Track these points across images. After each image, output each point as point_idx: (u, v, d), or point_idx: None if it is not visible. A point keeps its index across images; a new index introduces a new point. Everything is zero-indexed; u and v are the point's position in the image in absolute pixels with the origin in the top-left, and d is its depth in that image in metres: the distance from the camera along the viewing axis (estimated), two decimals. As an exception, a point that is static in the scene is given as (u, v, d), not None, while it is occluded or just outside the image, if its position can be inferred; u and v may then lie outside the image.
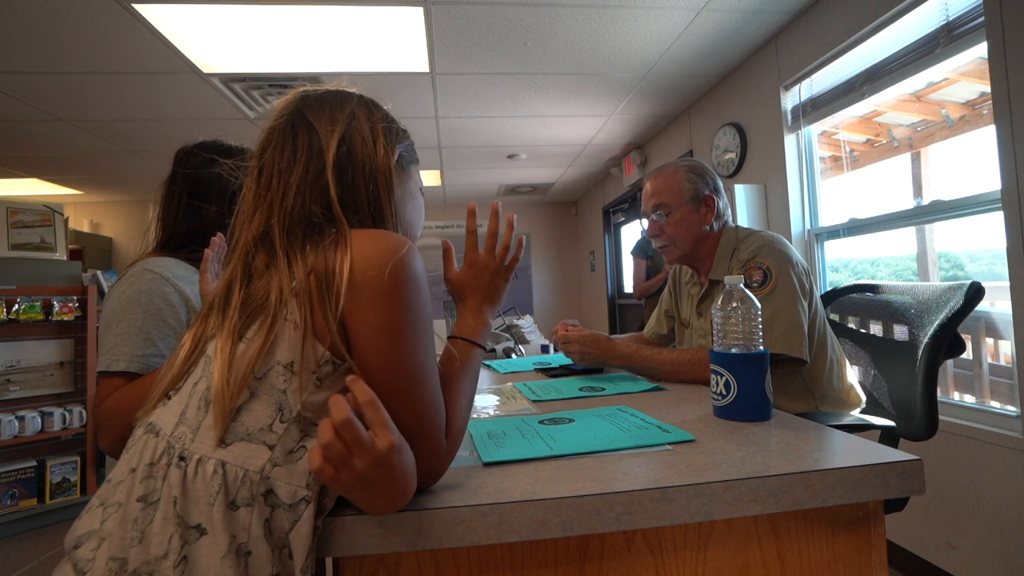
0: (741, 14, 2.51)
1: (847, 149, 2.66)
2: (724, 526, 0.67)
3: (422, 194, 0.84)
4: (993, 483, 1.76)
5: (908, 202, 2.27)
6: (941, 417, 1.29)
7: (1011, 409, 1.80)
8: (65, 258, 3.45)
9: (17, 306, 2.94)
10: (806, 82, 2.62)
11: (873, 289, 1.51)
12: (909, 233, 2.26)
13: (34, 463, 2.95)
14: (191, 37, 2.45)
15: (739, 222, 2.71)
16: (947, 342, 1.19)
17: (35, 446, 3.01)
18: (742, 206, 2.85)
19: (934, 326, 1.21)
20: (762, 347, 0.94)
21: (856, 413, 1.36)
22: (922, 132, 2.30)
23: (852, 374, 1.42)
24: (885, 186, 2.49)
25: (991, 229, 1.79)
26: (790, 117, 2.74)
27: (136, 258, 1.09)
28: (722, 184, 1.49)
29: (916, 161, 2.29)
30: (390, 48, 2.67)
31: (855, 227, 2.43)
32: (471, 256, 0.83)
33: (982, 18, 1.74)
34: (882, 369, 1.42)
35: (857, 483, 0.66)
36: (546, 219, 7.43)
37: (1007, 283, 1.68)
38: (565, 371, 1.49)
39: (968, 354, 1.99)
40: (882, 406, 1.40)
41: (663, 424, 0.89)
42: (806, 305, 1.29)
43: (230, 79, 2.93)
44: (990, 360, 2.00)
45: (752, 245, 1.37)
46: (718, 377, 0.93)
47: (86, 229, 5.80)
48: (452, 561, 0.64)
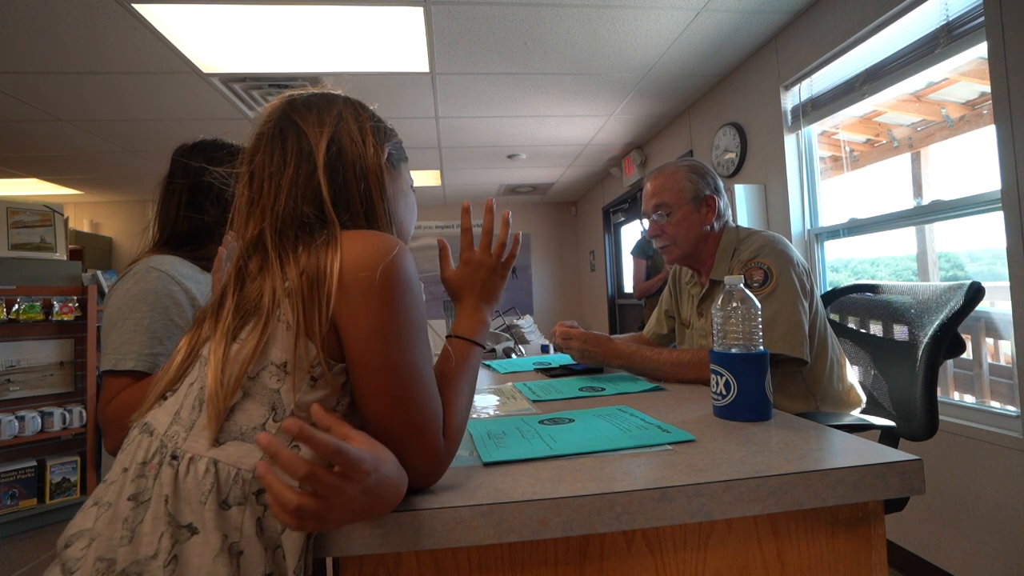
0: (741, 14, 2.51)
1: (847, 149, 2.66)
2: (724, 526, 0.67)
3: (413, 192, 0.83)
4: (993, 483, 1.76)
5: (908, 202, 2.27)
6: (941, 417, 1.29)
7: (1011, 409, 1.80)
8: (65, 258, 3.45)
9: (17, 306, 2.94)
10: (806, 82, 2.62)
11: (873, 289, 1.51)
12: (909, 233, 2.26)
13: (34, 463, 2.95)
14: (191, 37, 2.45)
15: (739, 222, 2.70)
16: (947, 342, 1.19)
17: (35, 446, 3.01)
18: (742, 206, 2.85)
19: (934, 326, 1.21)
20: (762, 347, 0.94)
21: (856, 413, 1.36)
22: (922, 132, 2.30)
23: (852, 374, 1.42)
24: (885, 186, 2.49)
25: (991, 229, 1.79)
26: (790, 117, 2.74)
27: (137, 256, 1.08)
28: (722, 184, 1.49)
29: (916, 161, 2.29)
30: (390, 48, 2.66)
31: (855, 227, 2.43)
32: (467, 254, 0.82)
33: (982, 18, 1.74)
34: (882, 369, 1.42)
35: (857, 483, 0.66)
36: (546, 219, 7.43)
37: (1007, 283, 1.68)
38: (565, 371, 1.49)
39: (968, 354, 1.99)
40: (882, 406, 1.40)
41: (663, 424, 0.89)
42: (807, 305, 1.29)
43: (230, 79, 2.93)
44: (990, 360, 1.99)
45: (753, 245, 1.37)
46: (718, 377, 0.93)
47: (86, 229, 5.80)
48: (452, 561, 0.64)
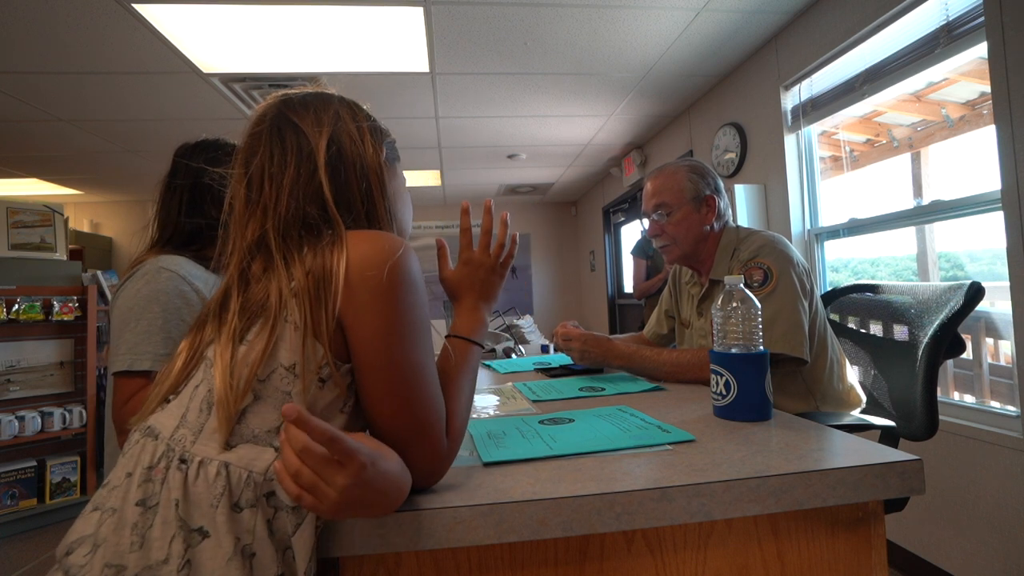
0: (741, 14, 2.51)
1: (847, 149, 2.66)
2: (724, 526, 0.67)
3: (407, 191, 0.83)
4: (993, 483, 1.76)
5: (908, 202, 2.27)
6: (941, 417, 1.29)
7: (1011, 409, 1.80)
8: (65, 258, 3.45)
9: (17, 306, 2.94)
10: (806, 82, 2.62)
11: (873, 289, 1.51)
12: (909, 233, 2.26)
13: (34, 463, 2.95)
14: (191, 37, 2.45)
15: (739, 222, 2.70)
16: (947, 342, 1.19)
17: (35, 446, 3.01)
18: (742, 206, 2.85)
19: (934, 326, 1.21)
20: (762, 347, 0.94)
21: (856, 413, 1.36)
22: (922, 132, 2.30)
23: (852, 374, 1.42)
24: (885, 186, 2.49)
25: (991, 229, 1.79)
26: (790, 117, 2.74)
27: (140, 255, 1.08)
28: (722, 184, 1.49)
29: (916, 161, 2.29)
30: (390, 48, 2.66)
31: (855, 227, 2.43)
32: (466, 254, 0.82)
33: (982, 18, 1.74)
34: (882, 369, 1.42)
35: (857, 483, 0.66)
36: (546, 219, 7.43)
37: (1007, 283, 1.68)
38: (565, 371, 1.49)
39: (968, 354, 1.99)
40: (882, 406, 1.40)
41: (663, 424, 0.89)
42: (807, 305, 1.29)
43: (230, 79, 2.93)
44: (990, 360, 1.99)
45: (753, 245, 1.37)
46: (718, 377, 0.93)
47: (86, 229, 5.80)
48: (452, 561, 0.64)
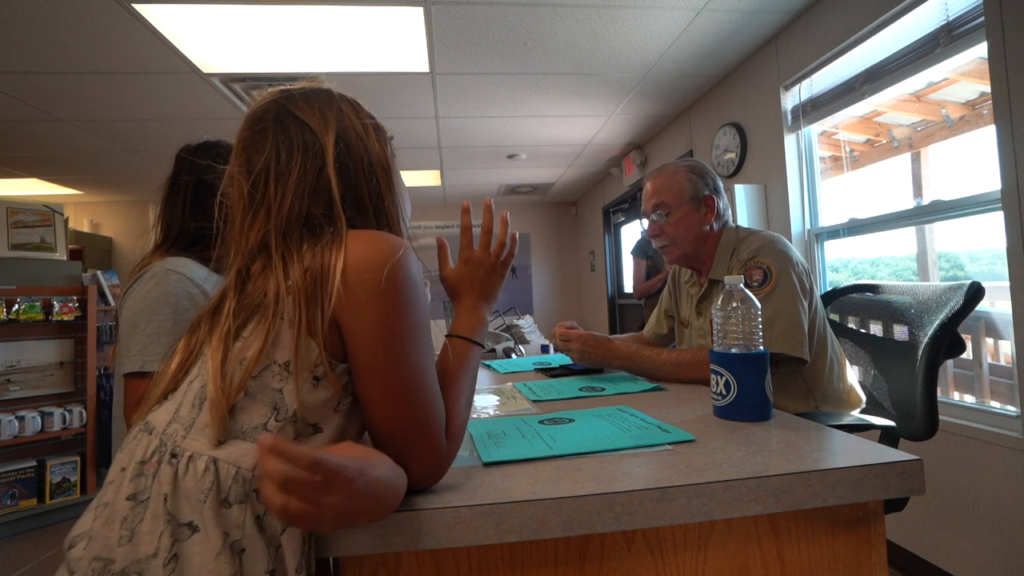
0: (741, 14, 2.51)
1: (847, 149, 2.66)
2: (724, 526, 0.67)
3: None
4: (993, 483, 1.76)
5: (908, 202, 2.27)
6: (941, 417, 1.29)
7: (1011, 409, 1.80)
8: (65, 258, 3.45)
9: (17, 306, 2.94)
10: (806, 82, 2.62)
11: (873, 289, 1.51)
12: (909, 233, 2.26)
13: (34, 463, 2.95)
14: (191, 37, 2.45)
15: (739, 222, 2.70)
16: (947, 342, 1.19)
17: (35, 446, 3.01)
18: (742, 206, 2.85)
19: (934, 326, 1.21)
20: (762, 347, 0.94)
21: (856, 413, 1.36)
22: (922, 132, 2.30)
23: (852, 374, 1.42)
24: (885, 186, 2.49)
25: (991, 229, 1.79)
26: (790, 117, 2.74)
27: (146, 257, 1.10)
28: (722, 184, 1.49)
29: (916, 161, 2.29)
30: (390, 48, 2.66)
31: (855, 227, 2.43)
32: (466, 253, 0.82)
33: (982, 18, 1.74)
34: (882, 369, 1.42)
35: (857, 483, 0.66)
36: (546, 219, 7.43)
37: (1007, 283, 1.68)
38: (565, 371, 1.49)
39: (968, 354, 1.99)
40: (882, 406, 1.40)
41: (663, 424, 0.89)
42: (806, 305, 1.29)
43: (230, 79, 2.93)
44: (990, 360, 1.99)
45: (752, 245, 1.37)
46: (718, 377, 0.93)
47: (86, 229, 5.80)
48: (452, 561, 0.64)
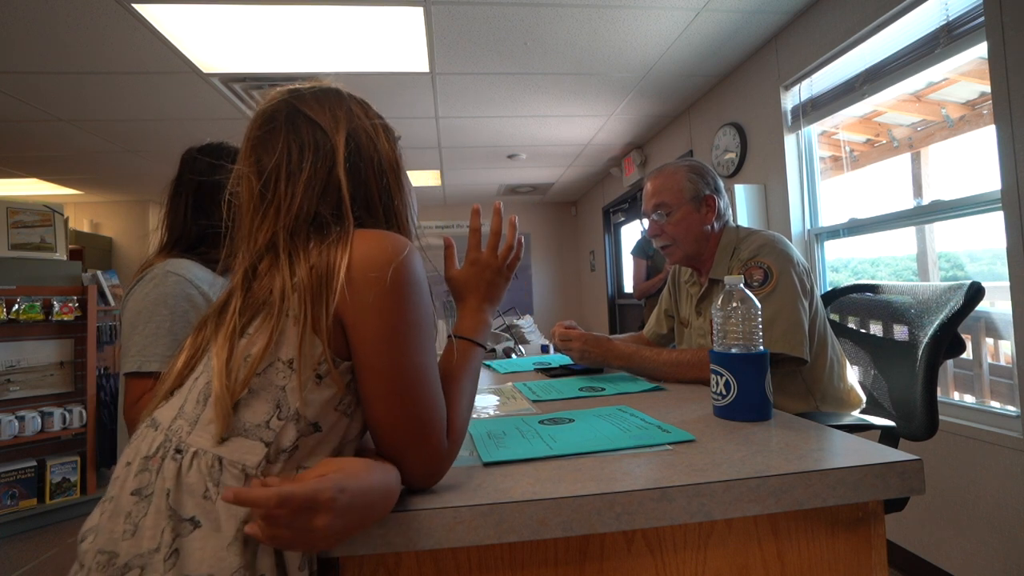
0: (741, 14, 2.51)
1: (847, 149, 2.66)
2: (724, 526, 0.67)
3: None
4: (993, 483, 1.76)
5: (908, 202, 2.27)
6: (941, 417, 1.29)
7: (1011, 409, 1.79)
8: (65, 258, 3.45)
9: (17, 306, 2.93)
10: (806, 82, 2.62)
11: (873, 289, 1.51)
12: (909, 233, 2.26)
13: (34, 463, 2.95)
14: (191, 37, 2.45)
15: (739, 222, 2.69)
16: (947, 342, 1.19)
17: (35, 446, 3.00)
18: (742, 206, 2.85)
19: (934, 326, 1.21)
20: (762, 347, 0.94)
21: (856, 413, 1.36)
22: (922, 132, 2.30)
23: (852, 374, 1.42)
24: (885, 186, 2.49)
25: (991, 229, 1.79)
26: (790, 117, 2.74)
27: (149, 259, 1.11)
28: (722, 184, 1.49)
29: (916, 161, 2.29)
30: (390, 48, 2.66)
31: (855, 227, 2.43)
32: (474, 254, 0.82)
33: (982, 18, 1.74)
34: (882, 369, 1.42)
35: (857, 483, 0.66)
36: (546, 219, 7.43)
37: (1007, 283, 1.68)
38: (565, 371, 1.49)
39: (968, 354, 1.99)
40: (882, 406, 1.40)
41: (663, 424, 0.89)
42: (807, 304, 1.29)
43: (230, 79, 2.93)
44: (990, 360, 1.99)
45: (753, 244, 1.37)
46: (718, 377, 0.93)
47: (86, 229, 5.80)
48: (452, 561, 0.64)
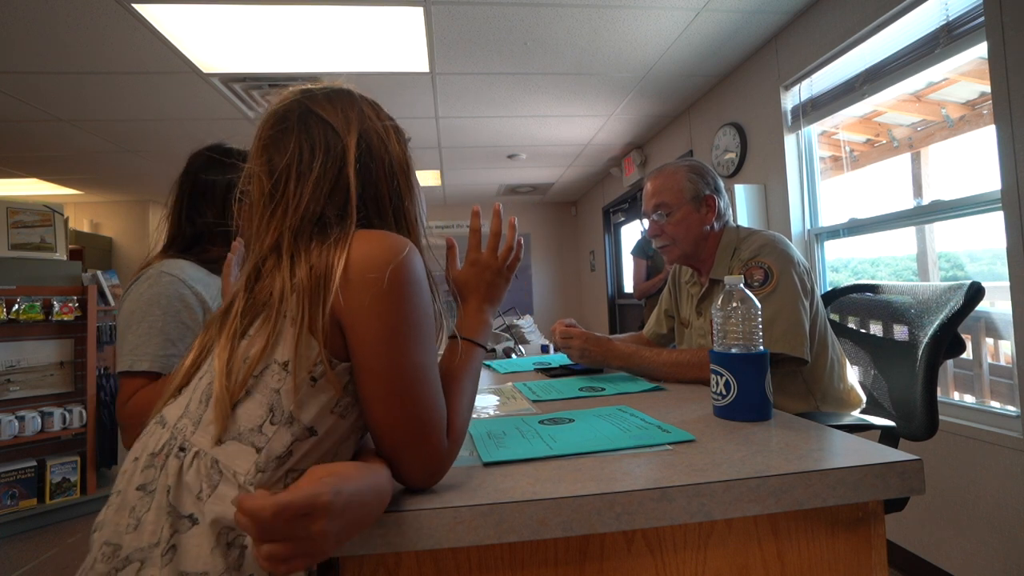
0: (741, 14, 2.51)
1: (847, 149, 2.66)
2: (724, 526, 0.67)
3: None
4: (993, 483, 1.76)
5: (908, 202, 2.27)
6: (941, 417, 1.29)
7: (1011, 409, 1.79)
8: (65, 258, 3.45)
9: (17, 306, 2.93)
10: (806, 82, 2.62)
11: (873, 289, 1.51)
12: (909, 233, 2.26)
13: (34, 463, 2.95)
14: (191, 37, 2.45)
15: (739, 222, 2.69)
16: (947, 342, 1.19)
17: (35, 446, 3.00)
18: (742, 206, 2.85)
19: (934, 326, 1.21)
20: (762, 347, 0.94)
21: (856, 413, 1.36)
22: (922, 132, 2.30)
23: (852, 374, 1.42)
24: (885, 186, 2.49)
25: (991, 229, 1.79)
26: (790, 117, 2.74)
27: (147, 259, 1.12)
28: (723, 184, 1.49)
29: (916, 161, 2.29)
30: (390, 48, 2.66)
31: (855, 227, 2.43)
32: (474, 255, 0.83)
33: (982, 18, 1.74)
34: (882, 369, 1.42)
35: (857, 483, 0.66)
36: (546, 219, 7.43)
37: (1007, 283, 1.68)
38: (565, 371, 1.49)
39: (968, 354, 1.99)
40: (882, 406, 1.40)
41: (663, 424, 0.89)
42: (807, 304, 1.29)
43: (230, 79, 2.93)
44: (990, 360, 1.99)
45: (753, 245, 1.37)
46: (718, 377, 0.93)
47: (86, 229, 5.80)
48: (452, 561, 0.64)
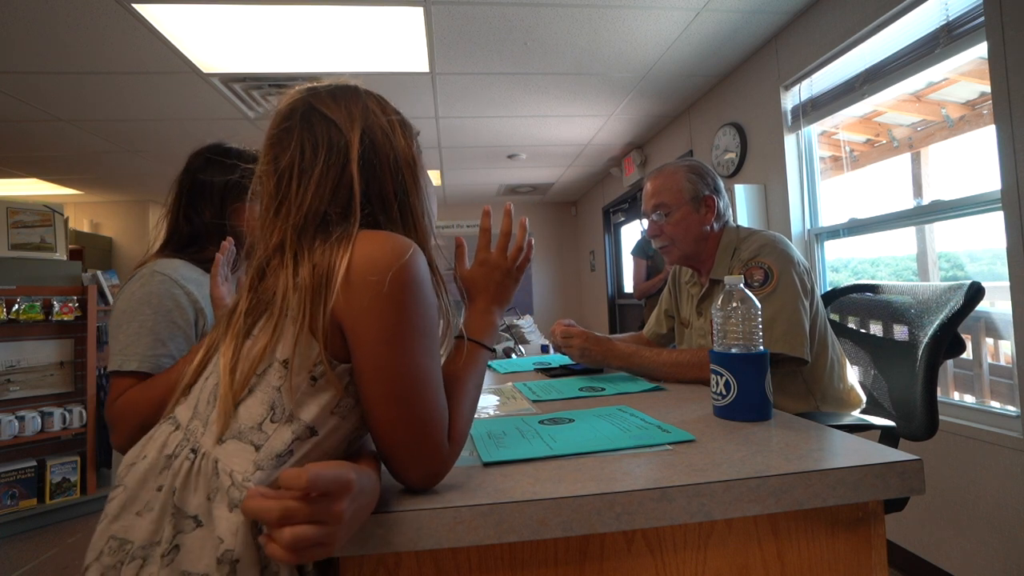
0: (741, 14, 2.51)
1: (847, 149, 2.66)
2: (724, 526, 0.67)
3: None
4: (993, 483, 1.76)
5: (908, 202, 2.27)
6: (941, 417, 1.29)
7: (1011, 409, 1.80)
8: (65, 258, 3.45)
9: (17, 306, 2.93)
10: (806, 82, 2.62)
11: (873, 289, 1.51)
12: (909, 233, 2.26)
13: (34, 463, 2.95)
14: (191, 37, 2.45)
15: (739, 222, 2.69)
16: (947, 342, 1.19)
17: (35, 446, 3.00)
18: (742, 206, 2.85)
19: (934, 326, 1.21)
20: (762, 347, 0.94)
21: (856, 413, 1.36)
22: (922, 132, 2.30)
23: (852, 374, 1.42)
24: (885, 186, 2.49)
25: (991, 229, 1.79)
26: (790, 117, 2.74)
27: (143, 259, 1.11)
28: (722, 184, 1.49)
29: (916, 161, 2.29)
30: (390, 48, 2.66)
31: (855, 227, 2.43)
32: (483, 255, 0.82)
33: (982, 18, 1.74)
34: (882, 369, 1.42)
35: (857, 483, 0.66)
36: (546, 219, 7.43)
37: (1007, 283, 1.68)
38: (565, 371, 1.49)
39: (968, 354, 1.99)
40: (882, 406, 1.40)
41: (663, 424, 0.89)
42: (807, 304, 1.29)
43: (230, 79, 2.93)
44: (990, 360, 1.99)
45: (753, 245, 1.37)
46: (718, 377, 0.93)
47: (86, 229, 5.80)
48: (452, 561, 0.64)
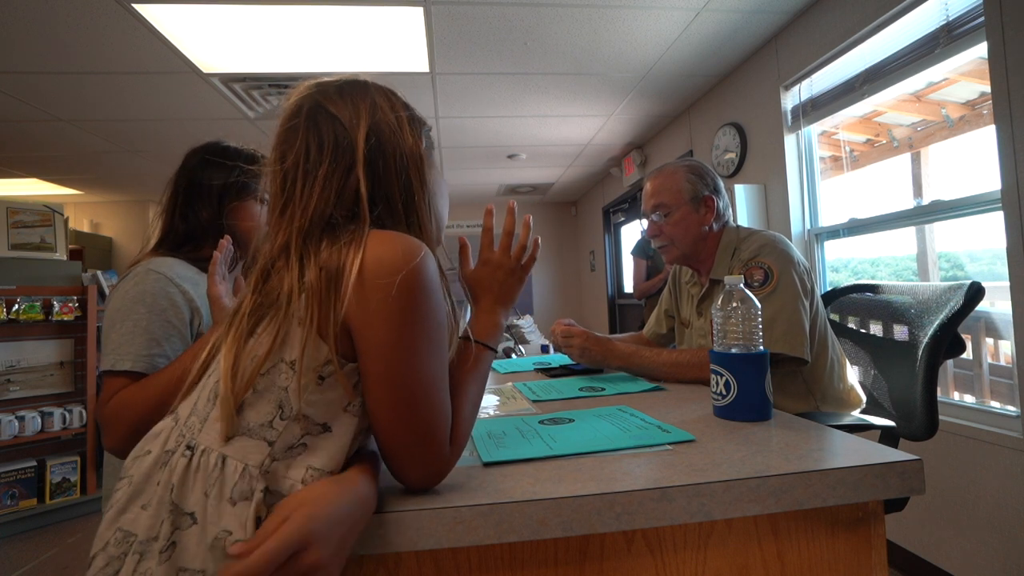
0: (741, 14, 2.51)
1: (847, 149, 2.66)
2: (724, 526, 0.67)
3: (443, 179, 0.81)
4: (993, 483, 1.76)
5: (908, 202, 2.27)
6: (941, 417, 1.29)
7: (1011, 409, 1.80)
8: (65, 258, 3.45)
9: (17, 306, 2.94)
10: (806, 82, 2.62)
11: (873, 289, 1.51)
12: (909, 233, 2.26)
13: (34, 463, 2.95)
14: (191, 37, 2.45)
15: (739, 222, 2.69)
16: (947, 342, 1.19)
17: (35, 446, 3.01)
18: (742, 206, 2.85)
19: (934, 326, 1.21)
20: (762, 347, 0.94)
21: (856, 413, 1.36)
22: (922, 132, 2.30)
23: (852, 374, 1.42)
24: (885, 186, 2.49)
25: (991, 229, 1.79)
26: (790, 117, 2.74)
27: (137, 257, 1.09)
28: (722, 184, 1.49)
29: (916, 161, 2.29)
30: (390, 48, 2.66)
31: (855, 227, 2.43)
32: (486, 254, 0.81)
33: (982, 18, 1.74)
34: (882, 369, 1.42)
35: (857, 483, 0.66)
36: (546, 219, 7.43)
37: (1007, 283, 1.68)
38: (565, 371, 1.49)
39: (968, 354, 1.99)
40: (882, 406, 1.40)
41: (663, 424, 0.89)
42: (807, 304, 1.29)
43: (230, 79, 2.93)
44: (990, 360, 1.99)
45: (753, 245, 1.37)
46: (718, 377, 0.93)
47: (86, 229, 5.80)
48: (452, 561, 0.64)
